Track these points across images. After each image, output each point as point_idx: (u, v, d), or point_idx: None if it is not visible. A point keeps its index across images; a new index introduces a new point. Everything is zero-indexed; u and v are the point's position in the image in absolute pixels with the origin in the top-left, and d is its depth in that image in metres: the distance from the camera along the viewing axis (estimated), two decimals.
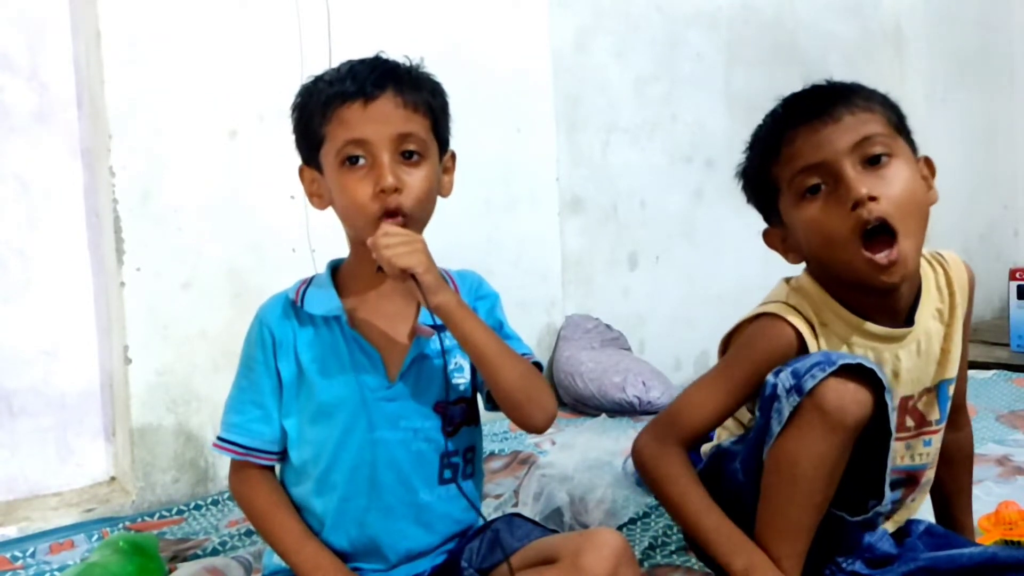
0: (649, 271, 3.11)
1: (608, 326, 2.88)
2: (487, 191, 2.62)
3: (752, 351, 1.23)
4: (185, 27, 2.05)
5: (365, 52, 1.23)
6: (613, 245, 3.04)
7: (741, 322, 1.28)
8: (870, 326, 1.22)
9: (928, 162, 1.23)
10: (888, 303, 1.23)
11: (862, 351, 1.22)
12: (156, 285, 2.02)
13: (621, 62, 3.03)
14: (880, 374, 1.12)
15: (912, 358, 1.25)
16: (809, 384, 1.11)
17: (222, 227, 2.10)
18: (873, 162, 1.15)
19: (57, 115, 2.06)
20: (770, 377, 1.17)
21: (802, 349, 1.21)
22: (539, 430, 1.21)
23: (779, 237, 1.28)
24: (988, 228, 4.19)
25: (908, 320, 1.24)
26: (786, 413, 1.13)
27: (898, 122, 1.22)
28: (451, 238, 1.88)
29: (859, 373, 1.12)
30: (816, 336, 1.22)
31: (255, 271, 2.11)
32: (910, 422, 1.27)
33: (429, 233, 1.19)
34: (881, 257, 1.14)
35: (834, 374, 1.11)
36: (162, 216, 2.02)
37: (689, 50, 3.20)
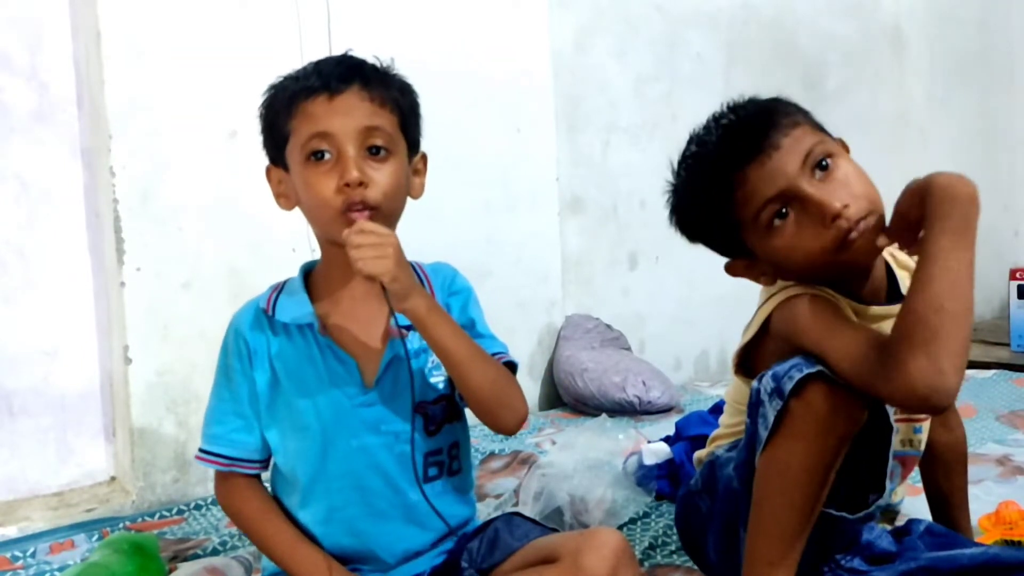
0: (649, 271, 3.11)
1: (608, 326, 2.88)
2: (487, 191, 2.62)
3: (823, 315, 1.13)
4: (185, 27, 2.05)
5: (365, 53, 1.22)
6: (613, 245, 3.04)
7: (756, 331, 1.23)
8: (874, 309, 1.19)
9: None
10: (867, 283, 1.21)
11: None
12: (156, 285, 2.02)
13: (621, 62, 3.03)
14: None
15: None
16: (787, 386, 1.08)
17: (222, 227, 2.10)
18: (822, 167, 1.15)
19: (57, 115, 2.06)
20: (755, 383, 1.15)
21: None
22: (508, 432, 1.22)
23: (744, 266, 1.26)
24: (988, 228, 4.14)
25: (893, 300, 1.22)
26: (771, 417, 1.10)
27: (813, 119, 1.21)
28: (451, 238, 1.89)
29: None
30: None
31: (255, 271, 2.10)
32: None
33: (430, 233, 1.19)
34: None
35: (826, 377, 1.08)
36: (162, 216, 2.02)
37: (689, 50, 3.19)
